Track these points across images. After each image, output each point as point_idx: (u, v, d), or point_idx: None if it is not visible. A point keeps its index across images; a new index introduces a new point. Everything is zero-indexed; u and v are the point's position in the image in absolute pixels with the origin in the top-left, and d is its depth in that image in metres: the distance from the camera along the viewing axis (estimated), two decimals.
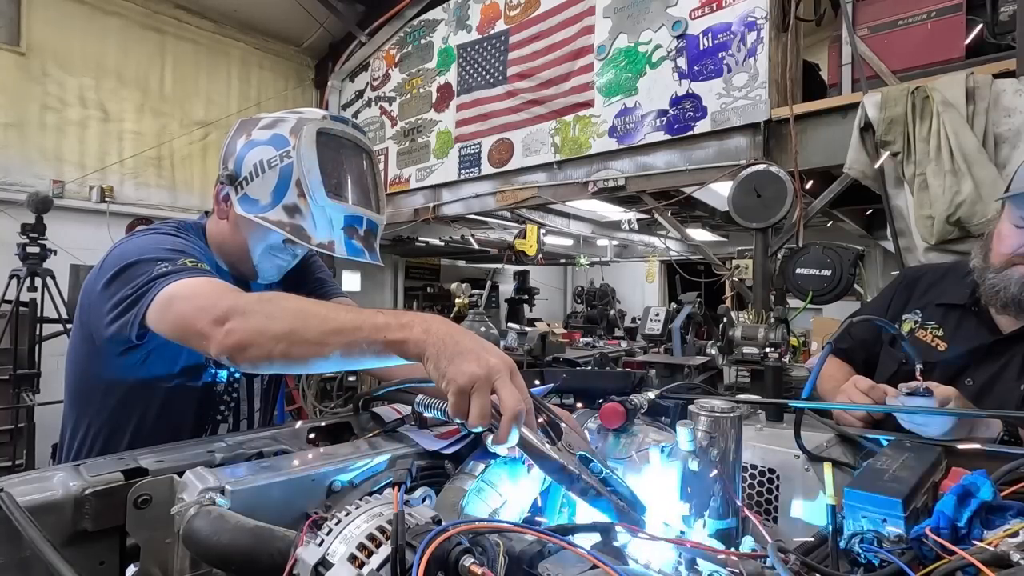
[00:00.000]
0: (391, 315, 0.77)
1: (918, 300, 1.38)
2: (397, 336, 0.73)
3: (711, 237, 6.58)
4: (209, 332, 0.82)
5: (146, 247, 0.99)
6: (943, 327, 1.30)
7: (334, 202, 1.08)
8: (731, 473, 0.75)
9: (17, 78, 4.44)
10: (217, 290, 0.89)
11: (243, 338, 0.79)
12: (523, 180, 4.26)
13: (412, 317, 0.75)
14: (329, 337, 0.76)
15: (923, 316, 1.34)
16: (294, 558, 0.49)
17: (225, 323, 0.81)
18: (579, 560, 0.52)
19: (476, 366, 0.66)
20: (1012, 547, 0.56)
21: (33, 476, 0.69)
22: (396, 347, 0.73)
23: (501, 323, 6.56)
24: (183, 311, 0.87)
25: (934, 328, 1.32)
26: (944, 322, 1.31)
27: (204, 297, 0.87)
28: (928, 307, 1.35)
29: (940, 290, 1.35)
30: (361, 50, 5.52)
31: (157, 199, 5.25)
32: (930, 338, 1.31)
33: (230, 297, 0.85)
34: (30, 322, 3.86)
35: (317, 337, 0.76)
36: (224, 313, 0.82)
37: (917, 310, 1.36)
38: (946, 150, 2.28)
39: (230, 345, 0.80)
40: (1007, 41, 2.49)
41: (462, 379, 0.66)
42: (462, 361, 0.67)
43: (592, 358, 4.87)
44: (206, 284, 0.91)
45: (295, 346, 0.77)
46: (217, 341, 0.81)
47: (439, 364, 0.69)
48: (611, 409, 0.81)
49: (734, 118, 3.16)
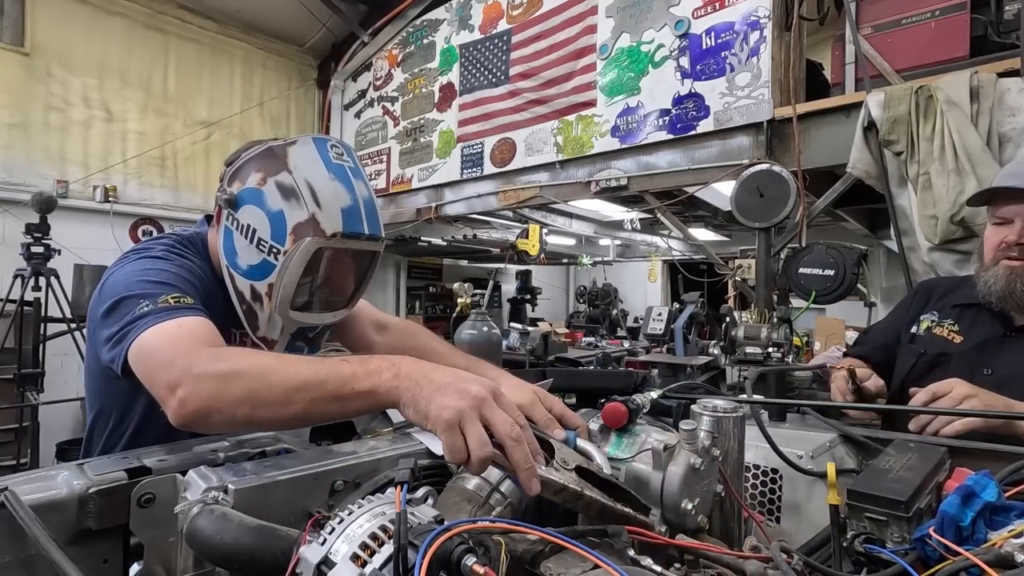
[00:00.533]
0: (356, 362, 0.72)
1: (935, 303, 1.44)
2: (365, 386, 0.69)
3: (714, 237, 6.57)
4: (164, 398, 0.77)
5: (132, 280, 0.93)
6: (959, 323, 1.35)
7: (296, 316, 1.03)
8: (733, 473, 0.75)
9: (21, 78, 4.46)
10: (179, 344, 0.81)
11: (199, 407, 0.74)
12: (525, 180, 4.26)
13: (379, 362, 0.71)
14: (294, 395, 0.71)
15: (940, 315, 1.40)
16: (297, 557, 0.49)
17: (176, 391, 0.75)
18: (581, 560, 0.52)
19: (458, 398, 0.63)
20: (1016, 548, 0.56)
21: (37, 475, 0.70)
22: (367, 397, 0.69)
23: (503, 323, 6.56)
24: (144, 368, 0.83)
25: (950, 324, 1.36)
26: (960, 319, 1.36)
27: (163, 354, 0.81)
28: (944, 308, 1.40)
29: (957, 294, 1.41)
30: (364, 50, 5.53)
31: (160, 199, 5.27)
32: (947, 333, 1.36)
33: (184, 357, 0.78)
34: (34, 322, 3.87)
35: (280, 396, 0.71)
36: (175, 379, 0.75)
37: (934, 311, 1.42)
38: (950, 149, 2.27)
39: (187, 415, 0.74)
40: (1011, 40, 2.48)
41: (447, 414, 0.62)
42: (441, 396, 0.63)
43: (594, 358, 4.87)
44: (172, 334, 0.84)
45: (258, 408, 0.72)
46: (172, 411, 0.75)
47: (418, 407, 0.65)
48: (613, 409, 0.81)
49: (737, 117, 3.15)
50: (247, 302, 1.04)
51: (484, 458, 0.60)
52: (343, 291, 1.12)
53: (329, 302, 1.10)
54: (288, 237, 0.98)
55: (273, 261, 0.99)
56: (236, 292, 1.05)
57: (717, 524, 0.79)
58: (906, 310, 1.51)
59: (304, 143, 1.03)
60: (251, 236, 1.00)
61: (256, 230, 1.00)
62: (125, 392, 1.04)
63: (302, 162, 1.00)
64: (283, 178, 1.00)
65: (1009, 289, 1.20)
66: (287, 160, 1.01)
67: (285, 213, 0.98)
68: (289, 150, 1.02)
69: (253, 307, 1.04)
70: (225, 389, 0.73)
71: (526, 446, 0.62)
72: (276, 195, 0.99)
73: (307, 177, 0.99)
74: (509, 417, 0.63)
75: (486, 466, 0.61)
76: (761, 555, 0.62)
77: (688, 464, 0.71)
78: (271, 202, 0.99)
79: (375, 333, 1.28)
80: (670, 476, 0.72)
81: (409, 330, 1.32)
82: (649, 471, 0.74)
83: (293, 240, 0.98)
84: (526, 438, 0.63)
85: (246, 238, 1.01)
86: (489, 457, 0.61)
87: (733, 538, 0.78)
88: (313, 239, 0.97)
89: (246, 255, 1.02)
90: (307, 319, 1.06)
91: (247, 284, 1.03)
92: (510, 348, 4.32)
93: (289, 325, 1.04)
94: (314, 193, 0.98)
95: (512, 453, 0.61)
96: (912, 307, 1.49)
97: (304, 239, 0.97)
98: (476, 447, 0.60)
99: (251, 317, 1.04)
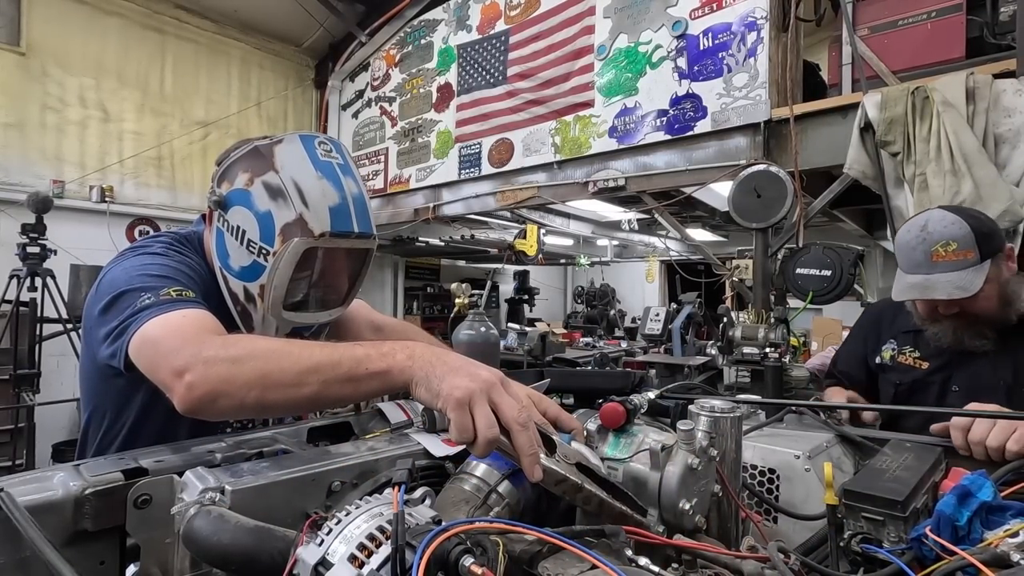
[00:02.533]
0: (370, 346, 0.73)
1: (888, 331, 1.54)
2: (380, 366, 0.70)
3: (711, 237, 6.59)
4: (170, 385, 0.76)
5: (133, 274, 0.93)
6: (918, 348, 1.45)
7: (290, 316, 1.03)
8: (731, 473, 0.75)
9: (17, 78, 4.45)
10: (185, 333, 0.81)
11: (208, 390, 0.73)
12: (523, 180, 4.26)
13: (392, 345, 0.72)
14: (307, 376, 0.71)
15: (898, 343, 1.49)
16: (294, 558, 0.49)
17: (184, 375, 0.74)
18: (579, 560, 0.52)
19: (469, 380, 0.65)
20: (1012, 547, 0.56)
21: (33, 476, 0.69)
22: (380, 377, 0.70)
23: (501, 323, 6.56)
24: (149, 357, 0.82)
25: (911, 351, 1.46)
26: (917, 345, 1.45)
27: (168, 342, 0.80)
28: (898, 335, 1.50)
29: (902, 319, 1.50)
30: (361, 50, 5.52)
31: (157, 199, 5.26)
32: (911, 361, 1.46)
33: (193, 344, 0.78)
34: (30, 322, 3.86)
35: (293, 378, 0.72)
36: (184, 364, 0.75)
37: (891, 339, 1.51)
38: (946, 150, 2.28)
39: (195, 400, 0.74)
40: (1007, 41, 2.49)
41: (459, 392, 0.63)
42: (454, 377, 0.66)
43: (592, 358, 4.87)
44: (178, 324, 0.83)
45: (269, 390, 0.72)
46: (179, 396, 0.75)
47: (430, 385, 0.67)
48: (611, 409, 0.81)
49: (734, 118, 3.16)
50: (241, 303, 1.04)
51: (490, 439, 0.61)
52: (336, 290, 1.11)
53: (323, 301, 1.09)
54: (277, 238, 0.97)
55: (263, 262, 0.99)
56: (230, 293, 1.05)
57: (715, 524, 0.79)
58: (863, 341, 1.61)
59: (291, 141, 1.02)
60: (241, 237, 1.00)
61: (245, 231, 0.99)
62: (120, 391, 1.04)
63: (288, 161, 0.99)
64: (270, 178, 0.98)
65: (957, 339, 1.33)
66: (273, 159, 1.00)
67: (273, 214, 0.97)
68: (276, 149, 1.01)
69: (247, 308, 1.04)
70: (236, 372, 0.73)
71: (531, 433, 0.63)
72: (264, 195, 0.98)
73: (294, 176, 0.98)
74: (516, 403, 0.65)
75: (491, 448, 0.62)
76: (758, 555, 0.62)
77: (686, 464, 0.72)
78: (259, 203, 0.98)
79: (371, 334, 1.28)
80: (668, 476, 0.72)
81: (405, 331, 1.32)
82: (647, 471, 0.74)
83: (282, 241, 0.97)
84: (531, 426, 0.64)
85: (236, 239, 1.00)
86: (495, 439, 0.62)
87: (730, 538, 0.78)
88: (301, 239, 0.96)
89: (237, 256, 1.02)
90: (301, 319, 1.05)
91: (240, 285, 1.03)
92: (508, 348, 4.32)
93: (283, 325, 1.04)
94: (301, 192, 0.97)
95: (517, 438, 0.62)
96: (868, 337, 1.59)
97: (292, 240, 0.96)
98: (484, 427, 0.62)
99: (246, 318, 1.04)
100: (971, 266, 1.22)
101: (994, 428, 0.89)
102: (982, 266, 1.22)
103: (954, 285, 1.23)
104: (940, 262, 1.24)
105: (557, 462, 0.65)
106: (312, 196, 0.98)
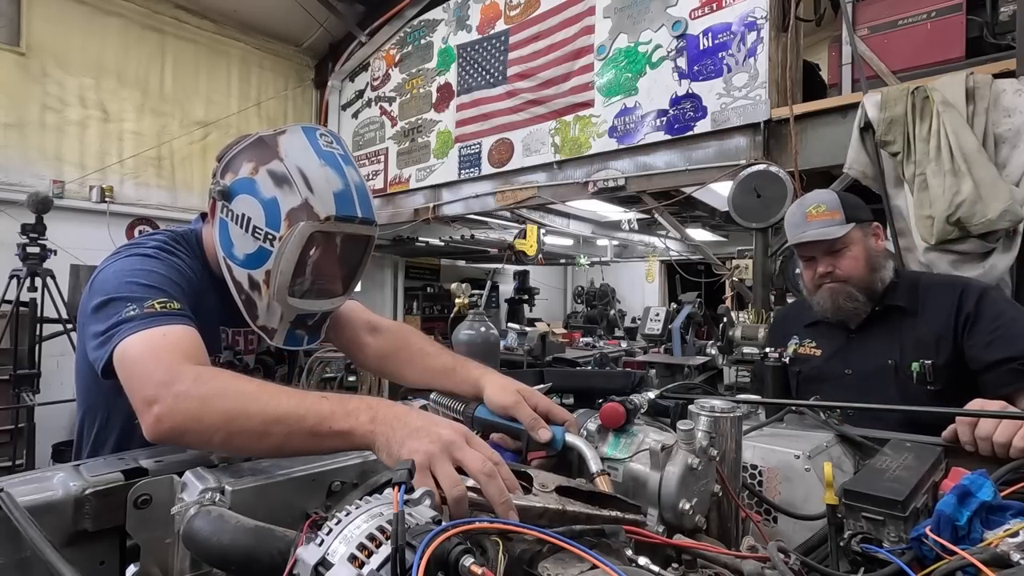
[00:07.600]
0: (336, 401, 0.73)
1: (792, 328, 1.71)
2: (343, 426, 0.70)
3: (711, 237, 6.59)
4: (140, 411, 0.77)
5: (122, 280, 0.94)
6: (815, 339, 1.63)
7: (294, 302, 1.04)
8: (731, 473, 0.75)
9: (17, 78, 4.45)
10: (160, 356, 0.81)
11: (174, 425, 0.74)
12: (523, 180, 4.26)
13: (358, 403, 0.73)
14: (271, 426, 0.72)
15: (800, 337, 1.67)
16: (294, 558, 0.49)
17: (153, 406, 0.75)
18: (579, 560, 0.52)
19: (428, 442, 0.65)
20: (1012, 547, 0.56)
21: (33, 476, 0.69)
22: (343, 437, 0.71)
23: (501, 323, 6.56)
24: (125, 377, 0.83)
25: (809, 342, 1.64)
26: (815, 336, 1.64)
27: (143, 366, 0.81)
28: (800, 330, 1.68)
29: (803, 316, 1.69)
30: (361, 50, 5.52)
31: (157, 199, 5.26)
32: (809, 350, 1.63)
33: (166, 371, 0.78)
34: (30, 322, 3.86)
35: (258, 426, 0.72)
36: (154, 395, 0.75)
37: (795, 335, 1.68)
38: (946, 150, 2.27)
39: (163, 432, 0.75)
40: (1007, 41, 2.49)
41: (419, 457, 0.63)
42: (413, 440, 0.66)
43: (592, 358, 4.88)
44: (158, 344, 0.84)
45: (235, 436, 0.73)
46: (147, 425, 0.76)
47: (391, 450, 0.67)
48: (611, 409, 0.81)
49: (734, 118, 3.16)
50: (245, 291, 1.05)
51: (458, 497, 0.61)
52: (338, 278, 1.13)
53: (326, 289, 1.11)
54: (283, 223, 0.99)
55: (269, 248, 1.00)
56: (234, 282, 1.05)
57: (715, 524, 0.79)
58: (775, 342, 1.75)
59: (294, 132, 1.04)
60: (246, 225, 1.01)
61: (251, 218, 1.01)
62: (112, 388, 1.04)
63: (293, 150, 1.01)
64: (275, 166, 1.00)
65: (835, 305, 1.52)
66: (278, 148, 1.02)
67: (279, 199, 0.99)
68: (279, 139, 1.03)
69: (252, 296, 1.04)
70: (204, 412, 0.74)
71: (500, 480, 0.63)
72: (269, 183, 1.00)
73: (298, 164, 1.00)
74: (480, 454, 0.65)
75: (463, 505, 0.61)
76: (758, 555, 0.62)
77: (685, 464, 0.72)
78: (264, 190, 1.00)
79: (367, 335, 1.28)
80: (668, 476, 0.72)
81: (401, 332, 1.32)
82: (647, 471, 0.74)
83: (288, 225, 0.98)
84: (501, 473, 0.64)
85: (241, 227, 1.02)
86: (463, 495, 0.61)
87: (730, 538, 0.78)
88: (308, 223, 0.98)
89: (242, 244, 1.03)
90: (305, 305, 1.06)
91: (244, 273, 1.04)
92: (508, 348, 4.32)
93: (288, 312, 1.05)
94: (306, 179, 0.99)
95: (486, 488, 0.62)
96: (777, 337, 1.75)
97: (299, 223, 0.98)
98: (448, 486, 0.61)
99: (250, 307, 1.05)
100: (837, 224, 1.50)
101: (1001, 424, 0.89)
102: (846, 225, 1.49)
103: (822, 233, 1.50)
104: (812, 221, 1.53)
105: (535, 495, 0.66)
106: (317, 182, 0.99)
